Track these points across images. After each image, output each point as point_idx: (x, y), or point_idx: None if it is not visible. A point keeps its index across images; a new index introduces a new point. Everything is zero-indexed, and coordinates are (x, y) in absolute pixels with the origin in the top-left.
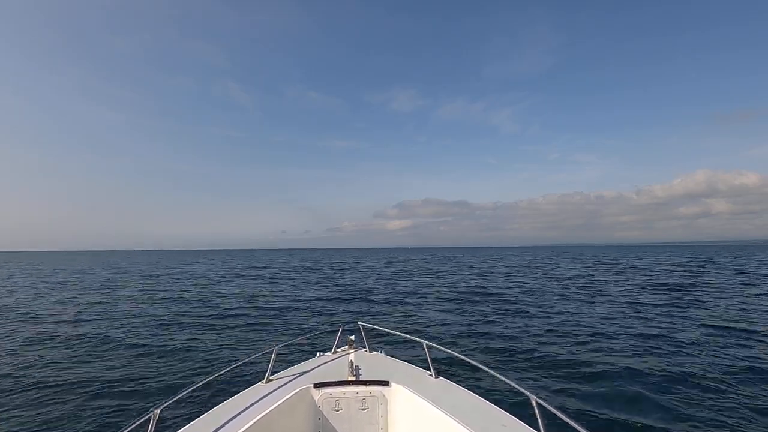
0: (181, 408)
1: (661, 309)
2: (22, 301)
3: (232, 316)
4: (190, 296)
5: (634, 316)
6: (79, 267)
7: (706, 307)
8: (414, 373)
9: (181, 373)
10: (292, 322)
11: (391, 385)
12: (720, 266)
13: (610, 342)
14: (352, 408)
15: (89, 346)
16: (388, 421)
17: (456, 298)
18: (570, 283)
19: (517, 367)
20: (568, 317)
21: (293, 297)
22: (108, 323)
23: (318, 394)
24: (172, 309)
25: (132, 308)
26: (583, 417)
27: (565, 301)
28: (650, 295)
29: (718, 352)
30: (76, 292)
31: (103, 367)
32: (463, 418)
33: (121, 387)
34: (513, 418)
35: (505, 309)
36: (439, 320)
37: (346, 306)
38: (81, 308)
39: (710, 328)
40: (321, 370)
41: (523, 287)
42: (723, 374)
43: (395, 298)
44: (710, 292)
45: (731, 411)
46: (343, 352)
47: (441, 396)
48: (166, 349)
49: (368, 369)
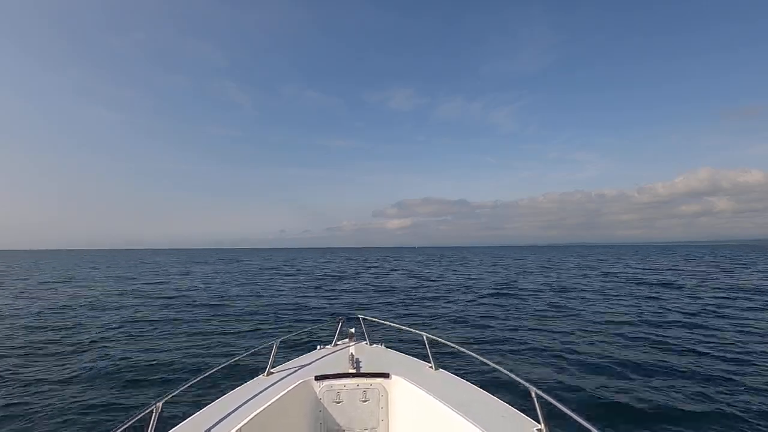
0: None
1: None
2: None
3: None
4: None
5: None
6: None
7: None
8: (414, 365)
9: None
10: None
11: (392, 377)
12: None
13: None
14: (353, 400)
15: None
16: (389, 412)
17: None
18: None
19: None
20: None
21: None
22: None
23: (319, 386)
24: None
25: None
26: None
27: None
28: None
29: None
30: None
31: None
32: (463, 410)
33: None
34: (513, 409)
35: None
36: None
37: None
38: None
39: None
40: (322, 362)
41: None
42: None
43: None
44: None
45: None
46: (343, 344)
47: (441, 388)
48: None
49: (368, 361)
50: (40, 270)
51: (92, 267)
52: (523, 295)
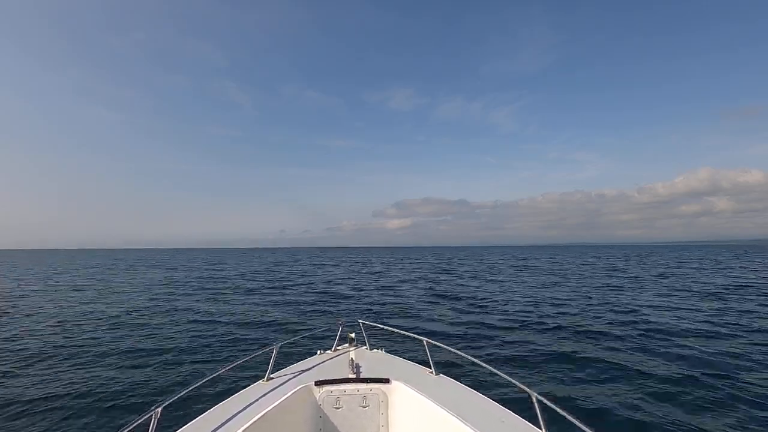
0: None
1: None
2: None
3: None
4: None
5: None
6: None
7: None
8: (414, 371)
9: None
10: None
11: (392, 382)
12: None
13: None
14: (353, 406)
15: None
16: (389, 418)
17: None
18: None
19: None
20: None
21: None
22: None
23: (319, 391)
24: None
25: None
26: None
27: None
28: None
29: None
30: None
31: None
32: (463, 415)
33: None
34: (513, 415)
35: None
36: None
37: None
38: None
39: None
40: (322, 367)
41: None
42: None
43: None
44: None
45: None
46: (343, 350)
47: (441, 393)
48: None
49: (369, 367)
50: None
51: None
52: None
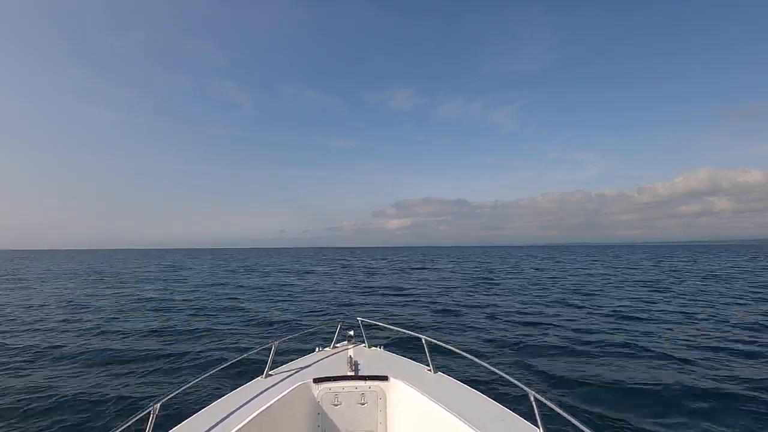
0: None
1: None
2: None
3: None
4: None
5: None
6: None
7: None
8: (413, 369)
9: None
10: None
11: (390, 380)
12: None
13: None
14: (351, 403)
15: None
16: (387, 415)
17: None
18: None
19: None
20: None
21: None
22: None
23: (317, 388)
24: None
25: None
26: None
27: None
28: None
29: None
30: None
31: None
32: (461, 413)
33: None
34: (511, 413)
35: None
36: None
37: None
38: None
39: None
40: (320, 365)
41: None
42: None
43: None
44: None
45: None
46: (342, 347)
47: (439, 391)
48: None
49: (367, 364)
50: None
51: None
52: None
